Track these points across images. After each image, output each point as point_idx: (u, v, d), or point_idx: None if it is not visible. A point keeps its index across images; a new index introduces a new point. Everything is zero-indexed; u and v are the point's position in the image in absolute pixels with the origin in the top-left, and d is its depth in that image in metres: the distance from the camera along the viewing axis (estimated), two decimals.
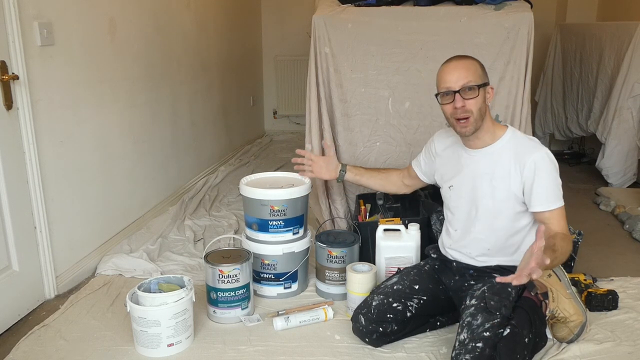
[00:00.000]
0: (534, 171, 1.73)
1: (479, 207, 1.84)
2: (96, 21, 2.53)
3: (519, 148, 1.78)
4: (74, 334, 1.99)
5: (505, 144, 1.80)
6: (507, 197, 1.79)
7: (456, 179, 1.91)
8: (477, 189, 1.84)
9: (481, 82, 1.77)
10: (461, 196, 1.90)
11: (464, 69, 1.76)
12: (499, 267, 1.86)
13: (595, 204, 3.43)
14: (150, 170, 3.12)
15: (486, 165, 1.82)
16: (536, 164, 1.73)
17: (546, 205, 1.73)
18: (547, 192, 1.73)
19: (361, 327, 1.87)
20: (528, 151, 1.76)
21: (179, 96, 3.52)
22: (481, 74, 1.78)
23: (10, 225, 2.04)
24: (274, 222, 2.20)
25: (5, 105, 2.00)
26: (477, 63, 1.79)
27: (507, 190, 1.78)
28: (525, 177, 1.74)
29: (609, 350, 1.86)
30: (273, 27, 5.60)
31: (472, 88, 1.74)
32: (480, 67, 1.79)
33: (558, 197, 1.75)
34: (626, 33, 3.62)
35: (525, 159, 1.74)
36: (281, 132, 5.79)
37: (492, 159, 1.81)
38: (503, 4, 2.55)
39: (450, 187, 1.93)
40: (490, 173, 1.80)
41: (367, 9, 2.63)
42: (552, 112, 4.63)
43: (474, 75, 1.76)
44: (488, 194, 1.81)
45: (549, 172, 1.74)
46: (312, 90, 2.65)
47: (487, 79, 1.81)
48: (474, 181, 1.85)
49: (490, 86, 1.81)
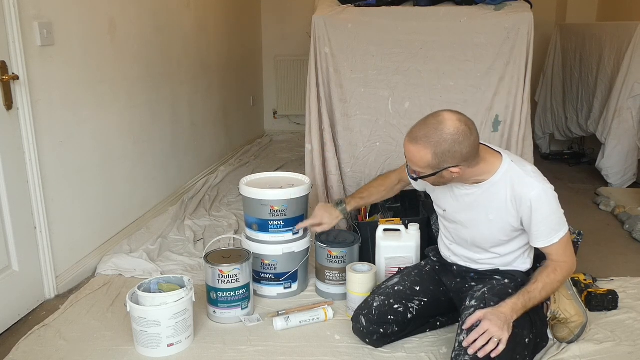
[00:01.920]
0: (531, 211, 1.65)
1: (475, 235, 1.82)
2: (96, 21, 2.53)
3: (516, 184, 1.67)
4: (74, 334, 1.99)
5: (502, 177, 1.68)
6: (504, 228, 1.75)
7: (450, 206, 1.84)
8: (473, 220, 1.79)
9: (431, 171, 1.61)
10: (456, 222, 1.85)
11: (412, 156, 1.62)
12: (499, 271, 1.86)
13: (595, 204, 3.43)
14: (150, 170, 3.12)
15: (482, 199, 1.73)
16: (532, 203, 1.64)
17: (548, 241, 1.70)
18: (546, 229, 1.68)
19: (362, 327, 1.87)
20: (524, 190, 1.65)
21: (179, 96, 3.52)
22: (431, 162, 1.59)
23: (10, 225, 2.04)
24: (274, 222, 2.20)
25: (5, 106, 1.99)
26: (428, 150, 1.57)
27: (504, 222, 1.73)
28: (523, 214, 1.68)
29: (609, 350, 1.86)
30: (273, 27, 5.59)
31: (423, 176, 1.66)
32: (432, 155, 1.57)
33: (559, 228, 1.69)
34: (626, 33, 3.62)
35: (521, 197, 1.65)
36: (281, 132, 5.78)
37: (488, 193, 1.71)
38: (503, 4, 2.55)
39: (444, 211, 1.89)
40: (486, 206, 1.73)
41: (367, 9, 2.63)
42: (552, 112, 4.63)
43: (422, 166, 1.61)
44: (484, 225, 1.77)
45: (546, 210, 1.66)
46: (312, 90, 2.65)
47: (448, 163, 1.59)
48: (470, 213, 1.78)
49: (455, 166, 1.59)
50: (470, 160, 1.62)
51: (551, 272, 1.70)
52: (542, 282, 1.68)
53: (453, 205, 1.83)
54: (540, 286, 1.68)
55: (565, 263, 1.72)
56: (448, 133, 1.56)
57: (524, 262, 1.84)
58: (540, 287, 1.68)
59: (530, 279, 1.72)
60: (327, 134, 2.67)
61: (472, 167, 1.65)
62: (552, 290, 1.72)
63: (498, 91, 2.56)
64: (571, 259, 1.74)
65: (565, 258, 1.72)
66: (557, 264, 1.71)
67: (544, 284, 1.68)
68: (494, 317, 1.58)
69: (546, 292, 1.69)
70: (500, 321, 1.57)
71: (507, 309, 1.62)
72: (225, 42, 4.49)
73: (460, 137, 1.56)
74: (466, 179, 1.70)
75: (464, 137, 1.56)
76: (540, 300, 1.70)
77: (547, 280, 1.69)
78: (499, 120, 2.58)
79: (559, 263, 1.71)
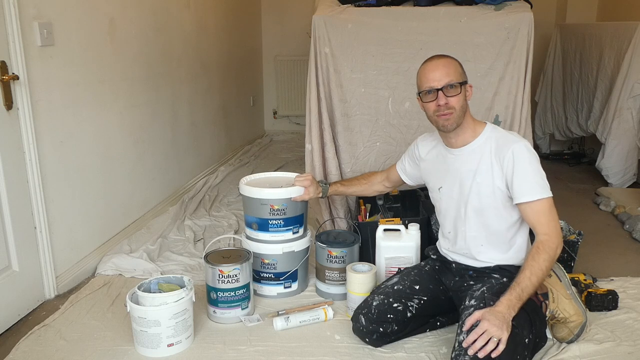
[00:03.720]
0: (513, 162, 1.74)
1: (467, 204, 1.86)
2: (96, 21, 2.53)
3: (499, 141, 1.81)
4: (74, 334, 1.99)
5: (486, 139, 1.83)
6: (492, 192, 1.80)
7: (444, 180, 1.93)
8: (464, 187, 1.86)
9: (462, 80, 1.81)
10: (451, 197, 1.91)
11: (446, 67, 1.80)
12: (498, 268, 1.86)
13: (595, 204, 3.43)
14: (150, 170, 3.12)
15: (469, 162, 1.84)
16: (514, 154, 1.75)
17: (530, 196, 1.73)
18: (529, 182, 1.74)
19: (361, 327, 1.87)
20: (507, 143, 1.78)
21: (179, 96, 3.52)
22: (461, 72, 1.83)
23: (10, 225, 2.04)
24: (274, 222, 2.20)
25: (6, 106, 2.00)
26: (456, 62, 1.84)
27: (491, 185, 1.80)
28: (506, 169, 1.76)
29: (608, 350, 1.86)
30: (273, 27, 5.60)
31: (454, 86, 1.79)
32: (460, 66, 1.84)
33: (543, 189, 1.74)
34: (626, 33, 3.62)
35: (504, 151, 1.77)
36: (281, 132, 5.79)
37: (474, 156, 1.84)
38: (503, 4, 2.55)
39: (440, 189, 1.95)
40: (474, 169, 1.83)
41: (367, 9, 2.63)
42: (552, 112, 4.63)
43: (455, 74, 1.80)
44: (474, 190, 1.83)
45: (528, 162, 1.75)
46: (312, 90, 2.65)
47: (466, 77, 1.85)
48: (460, 180, 1.87)
49: (469, 84, 1.85)
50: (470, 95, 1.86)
51: (535, 253, 1.70)
52: (529, 269, 1.68)
53: (446, 179, 1.92)
54: (528, 273, 1.67)
55: (548, 236, 1.71)
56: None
57: (520, 249, 1.86)
58: (529, 274, 1.67)
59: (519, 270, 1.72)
60: (327, 134, 2.67)
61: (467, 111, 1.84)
62: (542, 273, 1.69)
63: (498, 91, 2.56)
64: (555, 231, 1.73)
65: (548, 229, 1.72)
66: (540, 241, 1.71)
67: (531, 269, 1.68)
68: (492, 317, 1.58)
69: (536, 276, 1.67)
70: (498, 321, 1.57)
71: (504, 307, 1.62)
72: (225, 42, 4.49)
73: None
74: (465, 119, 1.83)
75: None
76: (534, 287, 1.68)
77: (533, 263, 1.68)
78: (499, 120, 2.58)
79: (542, 238, 1.71)
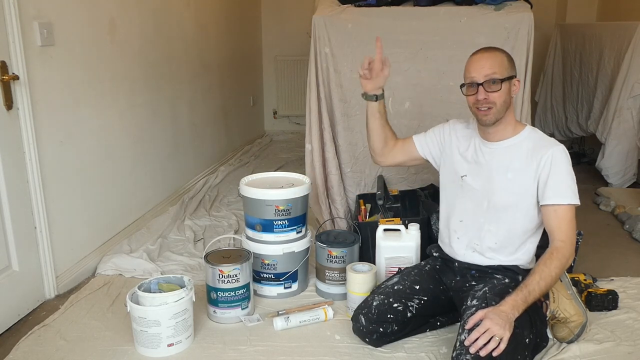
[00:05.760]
0: (551, 163, 1.75)
1: (491, 199, 1.84)
2: (96, 21, 2.53)
3: (538, 142, 1.80)
4: (74, 334, 1.99)
5: (525, 138, 1.82)
6: (522, 192, 1.80)
7: (471, 169, 1.90)
8: (493, 182, 1.84)
9: (506, 75, 1.77)
10: (474, 187, 1.89)
11: (489, 60, 1.77)
12: (502, 267, 1.86)
13: (595, 204, 3.43)
14: (150, 170, 3.12)
15: (504, 157, 1.83)
16: (553, 156, 1.75)
17: (562, 198, 1.74)
18: (563, 185, 1.75)
19: (362, 327, 1.87)
20: (546, 145, 1.78)
21: (179, 96, 3.52)
22: (507, 66, 1.78)
23: (10, 225, 2.04)
24: (279, 222, 2.20)
25: (6, 106, 2.00)
26: (504, 55, 1.80)
27: (523, 184, 1.79)
28: (542, 169, 1.76)
29: (609, 350, 1.86)
30: (273, 27, 5.59)
31: (495, 81, 1.76)
32: (508, 60, 1.79)
33: (574, 193, 1.75)
34: (626, 33, 3.62)
35: (542, 152, 1.77)
36: (281, 132, 5.79)
37: (510, 152, 1.82)
38: (503, 4, 2.55)
39: (463, 177, 1.92)
40: (508, 165, 1.82)
41: (367, 9, 2.63)
42: (552, 112, 4.63)
43: (499, 68, 1.76)
44: (503, 187, 1.82)
45: (566, 166, 1.76)
46: (312, 90, 2.65)
47: (514, 71, 1.81)
48: (490, 173, 1.85)
49: (516, 79, 1.81)
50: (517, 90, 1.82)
51: (547, 259, 1.70)
52: (539, 273, 1.68)
53: (474, 169, 1.89)
54: (538, 277, 1.68)
55: (563, 243, 1.72)
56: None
57: (528, 251, 1.86)
58: (538, 279, 1.67)
59: (529, 273, 1.72)
60: (327, 134, 2.67)
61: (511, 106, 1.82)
62: (551, 280, 1.70)
63: None
64: (570, 241, 1.74)
65: (565, 237, 1.73)
66: (556, 247, 1.71)
67: (541, 275, 1.68)
68: (495, 316, 1.58)
69: (545, 282, 1.68)
70: (501, 320, 1.57)
71: (508, 307, 1.62)
72: (225, 42, 4.49)
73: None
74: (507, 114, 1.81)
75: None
76: (540, 292, 1.69)
77: (544, 268, 1.69)
78: None
79: (558, 244, 1.71)
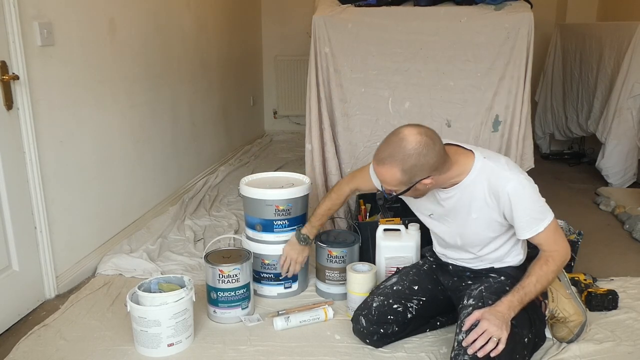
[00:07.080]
0: (510, 204, 1.66)
1: (462, 236, 1.83)
2: (96, 21, 2.53)
3: (491, 179, 1.68)
4: (74, 334, 1.99)
5: (477, 175, 1.70)
6: (490, 225, 1.75)
7: (435, 210, 1.84)
8: (458, 220, 1.80)
9: (404, 188, 1.64)
10: (442, 224, 1.87)
11: (384, 177, 1.64)
12: (494, 269, 1.86)
13: (595, 204, 3.43)
14: (150, 170, 3.12)
15: (463, 199, 1.74)
16: (510, 197, 1.65)
17: (533, 231, 1.69)
18: (529, 219, 1.68)
19: (362, 328, 1.87)
20: (500, 184, 1.66)
21: (179, 96, 3.52)
22: (404, 179, 1.61)
23: (11, 225, 2.04)
24: (279, 222, 2.20)
25: (6, 106, 2.00)
26: (397, 169, 1.59)
27: (488, 219, 1.74)
28: (503, 207, 1.68)
29: (608, 350, 1.86)
30: (273, 27, 5.59)
31: (399, 194, 1.67)
32: (402, 172, 1.59)
33: (543, 217, 1.68)
34: (626, 33, 3.62)
35: (498, 191, 1.66)
36: (281, 132, 5.78)
37: (467, 193, 1.72)
38: (503, 4, 2.55)
39: (430, 216, 1.89)
40: (469, 207, 1.74)
41: (367, 9, 2.63)
42: (552, 112, 4.63)
43: (396, 185, 1.64)
44: (471, 226, 1.77)
45: (525, 200, 1.66)
46: (312, 90, 2.65)
47: (419, 175, 1.61)
48: (455, 216, 1.79)
49: (426, 177, 1.62)
50: (440, 168, 1.64)
51: (543, 263, 1.70)
52: (536, 275, 1.68)
53: (438, 210, 1.84)
54: (534, 279, 1.68)
55: (557, 252, 1.71)
56: (411, 148, 1.58)
57: (517, 254, 1.86)
58: (535, 281, 1.67)
59: (525, 274, 1.72)
60: (327, 134, 2.67)
61: (444, 173, 1.67)
62: (547, 282, 1.71)
63: (498, 91, 2.56)
64: (563, 247, 1.73)
65: (556, 247, 1.72)
66: (549, 254, 1.71)
67: (538, 277, 1.68)
68: (492, 317, 1.58)
69: (541, 284, 1.68)
70: (498, 320, 1.57)
71: (504, 307, 1.62)
72: (225, 42, 4.49)
73: (423, 149, 1.58)
74: (442, 184, 1.71)
75: (427, 149, 1.59)
76: (536, 294, 1.69)
77: (541, 272, 1.69)
78: (499, 120, 2.58)
79: (550, 253, 1.71)
